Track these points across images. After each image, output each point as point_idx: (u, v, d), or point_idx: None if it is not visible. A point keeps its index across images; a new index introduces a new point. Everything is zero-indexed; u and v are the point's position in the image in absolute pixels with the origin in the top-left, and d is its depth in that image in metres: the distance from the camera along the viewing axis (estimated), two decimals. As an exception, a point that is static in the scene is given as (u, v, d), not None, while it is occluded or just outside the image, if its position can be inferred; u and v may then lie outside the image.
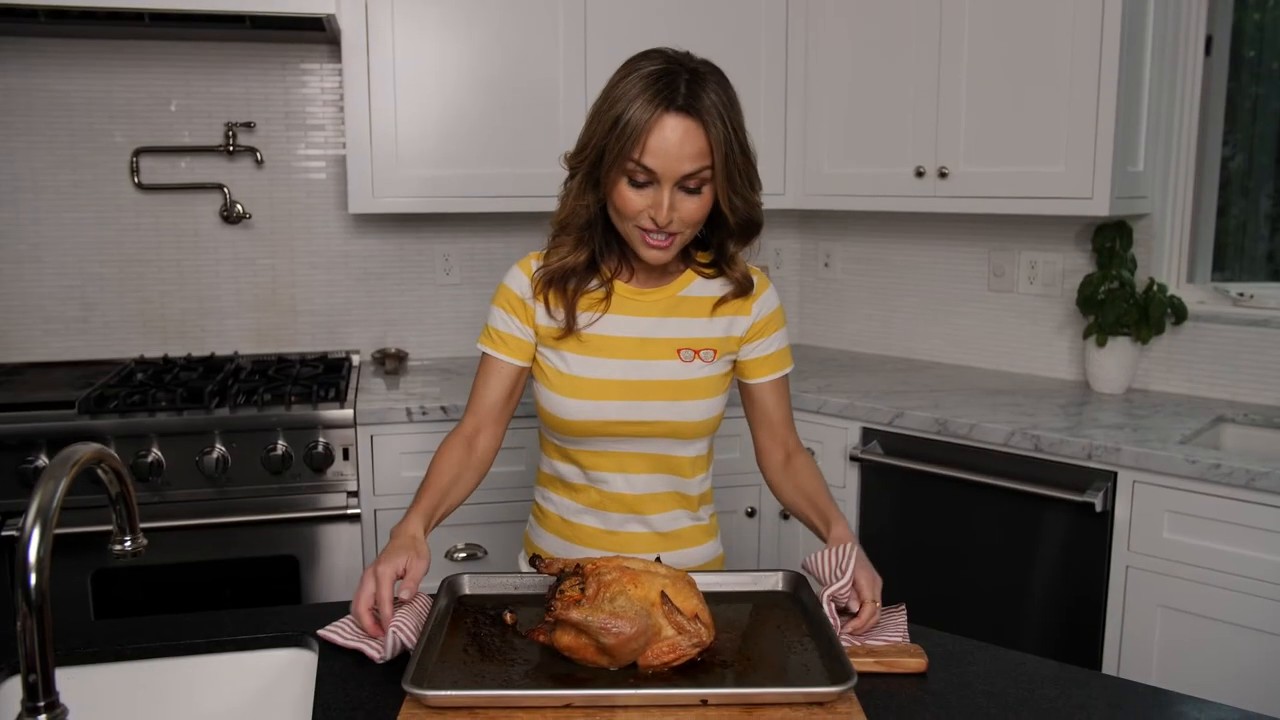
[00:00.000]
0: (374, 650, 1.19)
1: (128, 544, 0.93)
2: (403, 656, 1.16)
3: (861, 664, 1.16)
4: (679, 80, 1.31)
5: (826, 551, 1.31)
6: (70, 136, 2.75)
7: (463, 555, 2.47)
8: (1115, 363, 2.52)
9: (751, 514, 2.62)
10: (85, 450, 0.81)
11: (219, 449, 2.30)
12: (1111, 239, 2.51)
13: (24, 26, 2.56)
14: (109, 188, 2.79)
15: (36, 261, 2.78)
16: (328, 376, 2.59)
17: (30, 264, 2.78)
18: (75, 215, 2.79)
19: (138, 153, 2.78)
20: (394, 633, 1.17)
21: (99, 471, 0.87)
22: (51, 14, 2.39)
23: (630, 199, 1.34)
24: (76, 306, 2.82)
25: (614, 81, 1.35)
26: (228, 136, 2.81)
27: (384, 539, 2.43)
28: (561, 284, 1.44)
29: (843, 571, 1.28)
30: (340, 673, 1.16)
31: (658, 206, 1.33)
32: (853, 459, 2.44)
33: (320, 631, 1.24)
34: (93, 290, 2.82)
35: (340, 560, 2.39)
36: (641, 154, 1.31)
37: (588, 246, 1.44)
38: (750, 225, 1.43)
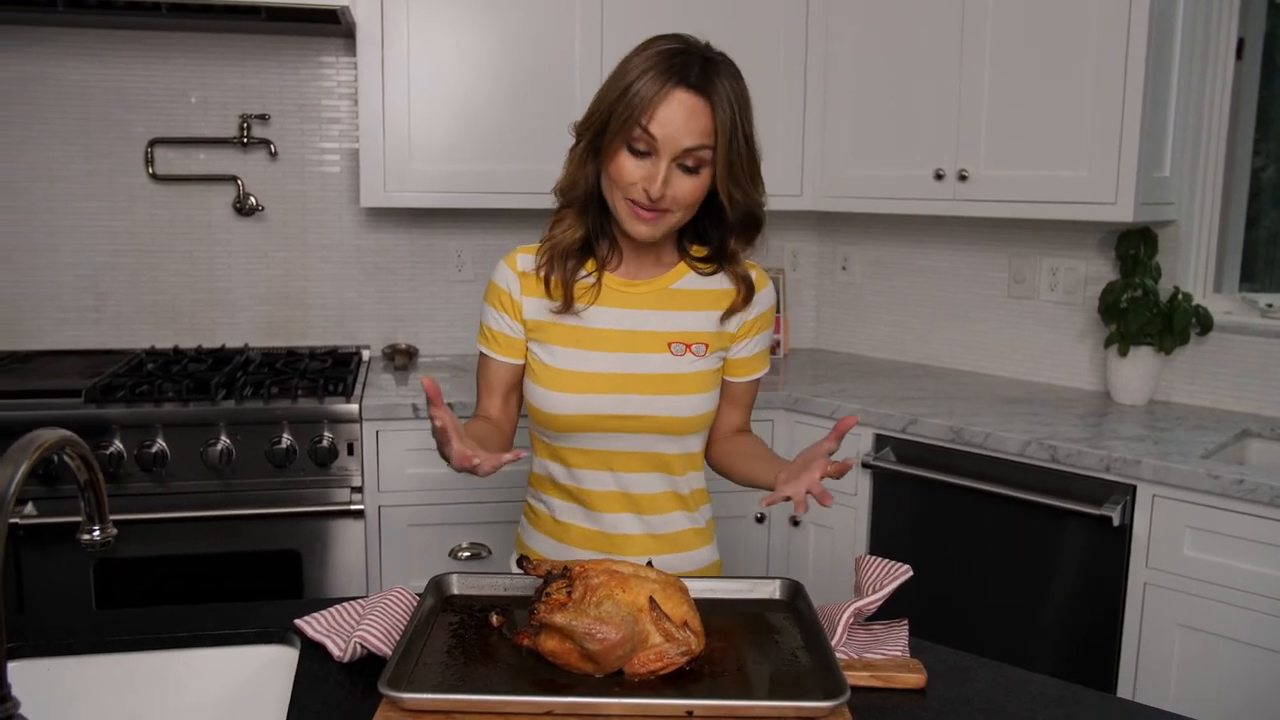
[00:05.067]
0: (335, 648, 1.16)
1: (96, 533, 0.91)
2: (385, 656, 1.13)
3: (857, 678, 1.12)
4: (694, 60, 1.33)
5: (878, 560, 1.28)
6: (86, 126, 2.75)
7: (466, 554, 2.45)
8: (1137, 373, 2.46)
9: (761, 520, 2.58)
10: (48, 436, 0.79)
11: (223, 441, 2.28)
12: (1135, 246, 2.45)
13: (42, 16, 2.56)
14: (124, 178, 2.79)
15: (51, 250, 2.78)
16: (335, 371, 2.57)
17: (45, 253, 2.78)
18: (90, 205, 2.79)
19: (153, 143, 2.78)
20: (356, 641, 1.15)
21: (65, 458, 0.84)
22: (70, 3, 2.39)
23: (627, 168, 1.33)
24: (89, 296, 2.82)
25: (629, 56, 1.36)
26: (242, 129, 2.80)
27: (388, 535, 2.41)
28: (562, 262, 1.43)
29: (881, 585, 1.24)
30: (319, 672, 1.13)
31: (652, 179, 1.32)
32: (865, 466, 2.39)
33: (296, 620, 1.22)
34: (106, 280, 2.82)
35: (343, 556, 2.37)
36: (649, 121, 1.30)
37: (584, 225, 1.43)
38: (751, 220, 1.41)
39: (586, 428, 1.42)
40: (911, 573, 1.25)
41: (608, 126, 1.34)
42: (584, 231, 1.43)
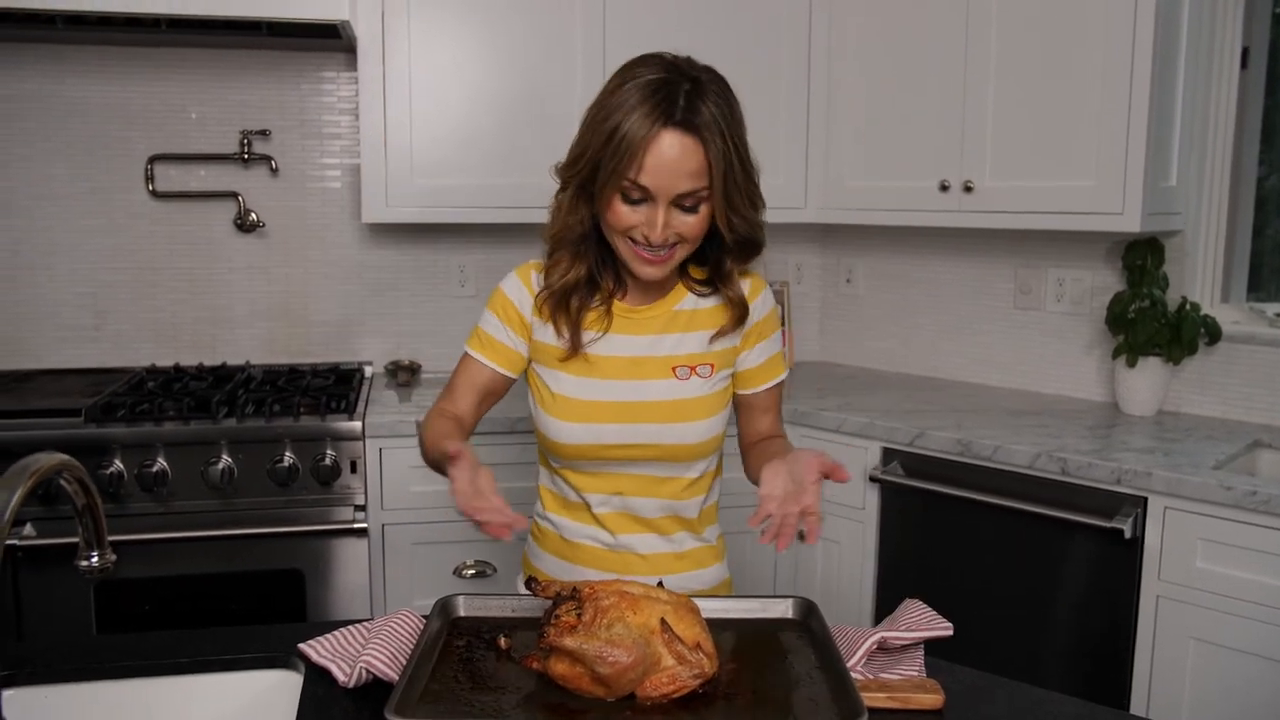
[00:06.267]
0: (341, 673, 1.14)
1: (95, 559, 0.89)
2: (391, 682, 1.11)
3: (873, 699, 1.09)
4: (678, 92, 1.25)
5: (925, 607, 1.27)
6: (86, 143, 2.74)
7: (471, 573, 2.42)
8: (1146, 384, 2.44)
9: (767, 534, 2.55)
10: (45, 460, 0.77)
11: (225, 460, 2.26)
12: (1143, 256, 2.43)
13: (41, 33, 2.55)
14: (123, 195, 2.78)
15: (50, 269, 2.76)
16: (338, 388, 2.55)
17: (44, 271, 2.76)
18: (89, 222, 2.77)
19: (153, 160, 2.77)
20: (361, 665, 1.13)
21: (63, 483, 0.83)
22: (69, 20, 2.37)
23: (624, 215, 1.30)
24: (89, 314, 2.80)
25: (610, 89, 1.30)
26: (243, 144, 2.79)
27: (391, 554, 2.39)
28: (565, 302, 1.39)
29: (916, 628, 1.22)
30: (324, 698, 1.11)
31: (652, 225, 1.29)
32: (872, 480, 2.37)
33: (300, 645, 1.20)
34: (106, 298, 2.80)
35: (347, 575, 2.34)
36: (638, 173, 1.26)
37: (585, 261, 1.39)
38: (750, 244, 1.38)
39: (593, 456, 1.40)
40: (952, 632, 1.23)
41: (597, 174, 1.29)
42: (586, 269, 1.39)
